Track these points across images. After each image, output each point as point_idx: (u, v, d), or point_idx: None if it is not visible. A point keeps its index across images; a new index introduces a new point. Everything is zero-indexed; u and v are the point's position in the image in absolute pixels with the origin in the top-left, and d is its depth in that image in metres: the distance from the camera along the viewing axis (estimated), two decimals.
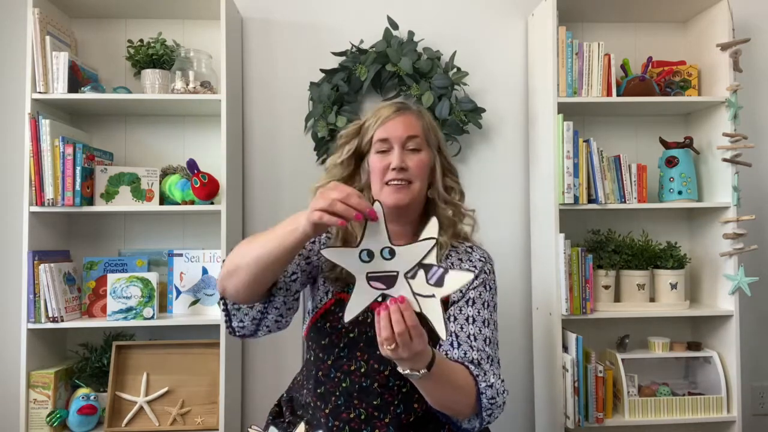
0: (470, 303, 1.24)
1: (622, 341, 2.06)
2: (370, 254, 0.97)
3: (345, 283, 1.24)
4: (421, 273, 0.96)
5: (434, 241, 0.96)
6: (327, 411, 1.21)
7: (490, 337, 1.24)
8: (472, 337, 1.20)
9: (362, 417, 1.19)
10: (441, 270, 0.96)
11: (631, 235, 2.11)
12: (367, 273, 0.97)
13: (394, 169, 1.23)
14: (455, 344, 1.19)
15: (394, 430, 1.18)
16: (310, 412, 1.25)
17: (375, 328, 1.18)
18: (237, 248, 1.17)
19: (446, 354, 1.18)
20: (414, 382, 1.05)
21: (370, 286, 0.97)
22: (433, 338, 1.01)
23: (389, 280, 0.97)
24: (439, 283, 0.95)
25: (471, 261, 1.31)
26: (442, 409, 1.14)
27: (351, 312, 0.97)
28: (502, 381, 1.20)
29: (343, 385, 1.20)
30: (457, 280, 0.96)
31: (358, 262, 0.97)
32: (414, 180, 1.25)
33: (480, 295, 1.26)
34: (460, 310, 1.23)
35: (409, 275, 0.96)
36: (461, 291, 1.24)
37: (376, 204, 0.98)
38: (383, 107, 1.31)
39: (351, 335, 1.22)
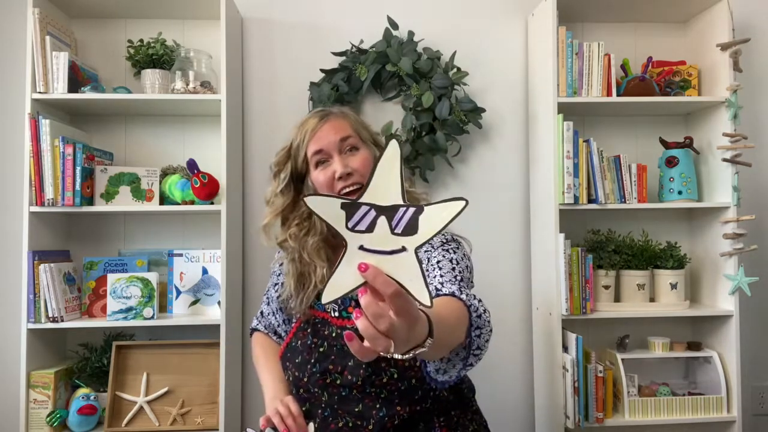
0: (434, 250, 1.16)
1: (622, 341, 2.06)
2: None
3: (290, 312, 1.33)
4: (381, 221, 0.67)
5: None
6: (316, 425, 1.21)
7: (464, 275, 1.13)
8: (441, 276, 1.09)
9: (349, 425, 1.18)
10: (411, 211, 0.67)
11: (631, 235, 2.11)
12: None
13: (340, 177, 1.19)
14: None
15: None
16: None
17: (341, 339, 1.19)
18: (253, 350, 1.44)
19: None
20: (421, 356, 0.82)
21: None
22: None
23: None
24: (410, 229, 0.67)
25: (431, 243, 1.16)
26: (447, 354, 0.91)
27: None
28: (481, 303, 1.00)
29: (324, 398, 1.20)
30: (439, 218, 0.66)
31: None
32: (364, 180, 1.16)
33: (446, 253, 1.16)
34: (428, 260, 1.14)
35: (363, 227, 0.68)
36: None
37: (310, 426, 1.11)
38: (306, 120, 1.27)
39: (321, 349, 1.22)
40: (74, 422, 1.80)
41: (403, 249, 0.67)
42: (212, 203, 1.92)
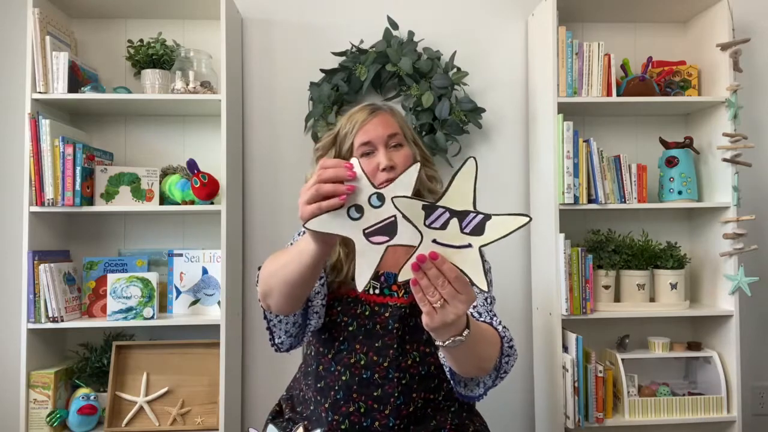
0: None
1: (622, 341, 2.06)
2: (359, 209, 0.86)
3: (346, 287, 1.25)
4: (453, 222, 0.83)
5: (417, 165, 0.86)
6: (326, 405, 1.22)
7: (491, 294, 1.26)
8: (474, 307, 1.20)
9: (362, 410, 1.20)
10: (480, 217, 0.83)
11: (631, 235, 2.10)
12: (363, 230, 0.86)
13: (384, 169, 1.22)
14: None
15: (394, 420, 1.20)
16: (311, 407, 1.27)
17: (375, 317, 1.22)
18: (265, 267, 1.13)
19: None
20: (450, 351, 0.96)
21: (372, 242, 0.85)
22: None
23: (389, 228, 0.85)
24: (477, 231, 0.83)
25: None
26: (476, 373, 1.09)
27: (362, 277, 0.85)
28: (508, 330, 1.18)
29: (343, 378, 1.22)
30: (502, 227, 0.83)
31: (349, 223, 0.86)
32: None
33: None
34: None
35: (437, 225, 0.83)
36: None
37: (353, 160, 0.88)
38: (356, 112, 1.30)
39: (350, 328, 1.23)
40: (74, 422, 1.80)
41: (469, 246, 0.83)
42: (212, 203, 1.92)
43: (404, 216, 0.84)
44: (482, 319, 1.16)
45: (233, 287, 1.97)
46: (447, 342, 0.90)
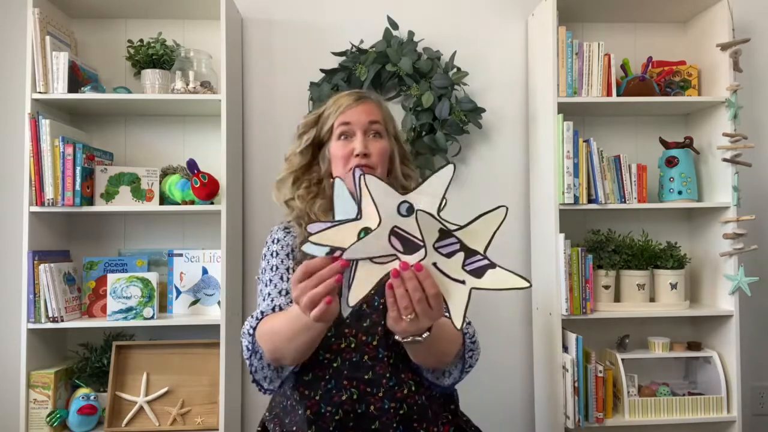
0: None
1: (622, 341, 2.06)
2: (410, 210, 0.83)
3: None
4: (460, 255, 0.83)
5: (451, 167, 0.83)
6: (318, 398, 1.18)
7: None
8: None
9: (354, 396, 1.17)
10: (485, 262, 0.82)
11: (631, 235, 2.10)
12: (394, 226, 0.83)
13: (357, 155, 1.23)
14: None
15: (389, 402, 1.17)
16: (299, 411, 1.21)
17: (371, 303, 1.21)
18: (267, 341, 1.12)
19: None
20: (409, 345, 0.99)
21: (377, 263, 0.83)
22: None
23: (411, 244, 0.83)
24: (477, 273, 0.82)
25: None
26: (435, 365, 1.15)
27: (356, 292, 0.83)
28: (471, 325, 1.21)
29: (335, 364, 1.19)
30: (501, 280, 0.82)
31: (395, 211, 0.82)
32: (376, 167, 1.24)
33: None
34: None
35: (444, 252, 0.83)
36: None
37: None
38: (343, 96, 1.31)
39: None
40: (74, 422, 1.80)
41: (463, 282, 0.83)
42: (212, 203, 1.92)
43: (419, 228, 0.82)
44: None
45: (233, 287, 1.97)
46: (406, 339, 0.94)
